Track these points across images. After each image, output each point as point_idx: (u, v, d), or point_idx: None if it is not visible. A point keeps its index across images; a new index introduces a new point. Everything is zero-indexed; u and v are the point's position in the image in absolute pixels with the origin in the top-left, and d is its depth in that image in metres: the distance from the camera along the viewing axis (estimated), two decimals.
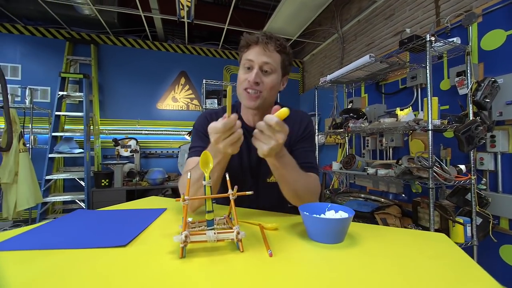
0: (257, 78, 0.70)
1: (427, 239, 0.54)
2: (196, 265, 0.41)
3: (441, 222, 1.44)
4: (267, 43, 0.69)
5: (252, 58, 0.70)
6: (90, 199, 2.70)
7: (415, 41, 1.34)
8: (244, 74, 0.72)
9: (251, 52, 0.71)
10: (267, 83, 0.72)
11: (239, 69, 0.76)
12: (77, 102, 3.10)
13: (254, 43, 0.70)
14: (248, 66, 0.71)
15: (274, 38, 0.71)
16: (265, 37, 0.69)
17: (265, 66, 0.70)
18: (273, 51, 0.71)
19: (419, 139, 2.02)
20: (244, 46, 0.73)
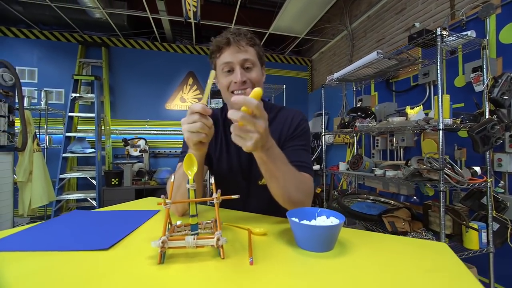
0: (243, 77, 0.68)
1: (425, 249, 0.50)
2: (173, 272, 0.39)
3: (454, 227, 1.36)
4: (239, 40, 0.67)
5: (230, 60, 0.68)
6: (101, 198, 2.78)
7: (425, 35, 1.27)
8: (227, 77, 0.70)
9: (226, 55, 0.68)
10: (253, 79, 0.70)
11: (217, 75, 0.73)
12: (89, 103, 3.20)
13: (226, 44, 0.68)
14: (228, 69, 0.69)
15: (243, 33, 0.69)
16: (234, 35, 0.67)
17: (246, 63, 0.69)
18: (247, 46, 0.69)
19: (432, 138, 1.93)
20: (215, 50, 0.70)
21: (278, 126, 0.78)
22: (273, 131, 0.77)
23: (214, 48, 0.70)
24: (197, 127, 0.52)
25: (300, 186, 0.63)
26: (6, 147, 1.92)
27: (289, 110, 0.82)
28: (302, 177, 0.66)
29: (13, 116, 1.97)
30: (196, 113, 0.53)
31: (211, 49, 0.71)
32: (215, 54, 0.71)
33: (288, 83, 3.82)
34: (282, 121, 0.78)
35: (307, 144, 0.77)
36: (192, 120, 0.53)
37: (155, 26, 3.15)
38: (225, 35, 0.68)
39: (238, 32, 0.68)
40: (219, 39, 0.69)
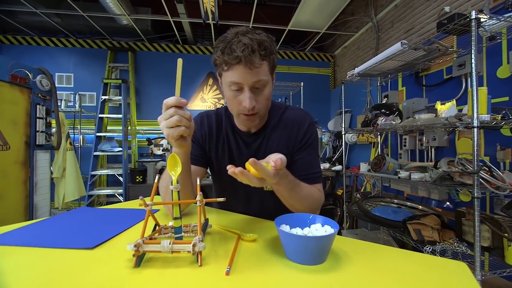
0: (253, 102, 0.61)
1: (437, 269, 0.42)
2: (146, 277, 0.38)
3: (493, 239, 1.18)
4: (252, 58, 0.56)
5: (239, 81, 0.59)
6: (127, 194, 2.95)
7: (456, 20, 1.12)
8: (234, 96, 0.62)
9: (234, 74, 0.58)
10: (262, 100, 0.63)
11: (222, 82, 0.65)
12: (118, 105, 3.41)
13: (236, 63, 0.57)
14: (236, 88, 0.61)
15: (257, 46, 0.57)
16: (247, 51, 0.55)
17: (257, 84, 0.60)
18: (260, 62, 0.58)
19: (469, 137, 1.71)
20: (222, 63, 0.59)
21: (285, 132, 0.73)
22: (280, 137, 0.74)
23: (220, 61, 0.60)
24: (175, 121, 0.50)
25: (311, 203, 0.65)
26: (44, 146, 2.12)
27: (294, 111, 0.76)
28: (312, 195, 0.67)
29: (50, 118, 2.17)
30: (171, 107, 0.50)
31: (216, 57, 0.61)
32: (221, 66, 0.61)
33: (309, 80, 3.70)
34: (289, 125, 0.73)
35: (316, 150, 0.74)
36: (169, 115, 0.50)
37: (176, 29, 3.26)
38: (235, 50, 0.56)
39: (252, 46, 0.56)
40: (227, 54, 0.57)
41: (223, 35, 0.61)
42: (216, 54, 0.60)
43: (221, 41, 0.60)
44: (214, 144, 0.78)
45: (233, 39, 0.57)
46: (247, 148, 0.75)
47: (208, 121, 0.78)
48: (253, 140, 0.75)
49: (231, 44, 0.57)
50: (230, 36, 0.58)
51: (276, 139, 0.74)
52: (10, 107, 1.83)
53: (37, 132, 2.07)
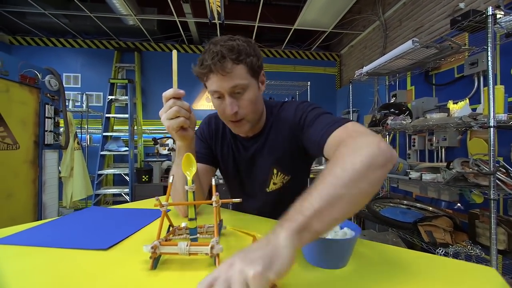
0: (234, 108, 0.60)
1: (464, 274, 0.40)
2: (163, 280, 0.37)
3: (509, 243, 1.15)
4: (222, 64, 0.55)
5: (216, 89, 0.59)
6: (133, 193, 2.96)
7: (471, 17, 1.09)
8: (218, 104, 0.62)
9: (211, 83, 0.59)
10: (246, 105, 0.61)
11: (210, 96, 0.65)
12: (124, 105, 3.43)
13: (208, 72, 0.57)
14: (217, 96, 0.61)
15: (226, 52, 0.55)
16: (217, 59, 0.55)
17: (235, 89, 0.59)
18: (233, 67, 0.57)
19: (481, 137, 1.67)
20: (201, 75, 0.60)
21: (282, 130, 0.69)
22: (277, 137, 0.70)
23: (197, 74, 0.61)
24: (174, 112, 0.51)
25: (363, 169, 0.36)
26: (53, 145, 2.14)
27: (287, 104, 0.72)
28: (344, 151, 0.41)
29: (58, 118, 2.19)
30: (170, 98, 0.52)
31: (195, 71, 0.61)
32: (201, 78, 0.61)
33: (315, 80, 3.67)
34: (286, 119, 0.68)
35: (319, 112, 0.62)
36: (168, 107, 0.52)
37: (182, 29, 3.26)
38: (207, 57, 0.56)
39: (221, 54, 0.55)
40: (200, 66, 0.58)
41: (208, 45, 0.61)
42: (194, 69, 0.61)
43: (204, 52, 0.60)
44: (220, 145, 0.78)
45: (207, 49, 0.58)
46: (246, 152, 0.75)
47: (216, 122, 0.79)
48: (251, 144, 0.74)
49: (204, 55, 0.58)
50: (206, 47, 0.60)
51: (274, 137, 0.71)
52: (19, 107, 1.85)
53: (46, 132, 2.09)
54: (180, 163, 0.60)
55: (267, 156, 0.71)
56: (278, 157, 0.70)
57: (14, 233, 0.54)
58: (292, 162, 0.71)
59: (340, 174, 0.35)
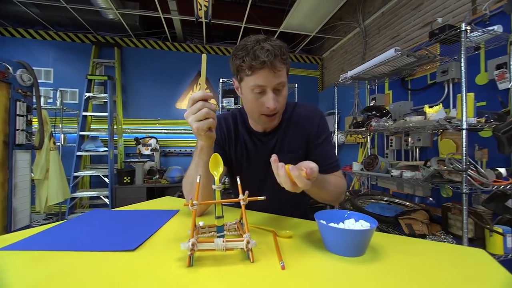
0: (276, 103, 0.64)
1: (461, 255, 0.47)
2: (203, 275, 0.38)
3: (476, 231, 1.30)
4: (274, 63, 0.60)
5: (263, 84, 0.63)
6: (113, 196, 2.82)
7: (448, 31, 1.22)
8: (257, 98, 0.66)
9: (258, 77, 0.62)
10: (282, 100, 0.68)
11: (241, 87, 0.68)
12: (102, 103, 3.26)
13: (261, 68, 0.61)
14: (259, 91, 0.64)
15: (279, 53, 0.61)
16: (271, 57, 0.60)
17: (278, 86, 0.65)
18: (281, 66, 0.63)
19: (450, 138, 1.86)
20: (246, 68, 0.62)
21: (299, 128, 0.77)
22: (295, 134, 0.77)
23: (244, 66, 0.62)
24: (204, 113, 0.53)
25: (338, 192, 0.70)
26: (25, 146, 1.98)
27: (304, 107, 0.81)
28: (337, 184, 0.71)
29: (31, 116, 2.03)
30: (198, 100, 0.53)
31: (239, 63, 0.63)
32: (244, 71, 0.63)
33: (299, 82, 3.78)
34: (301, 121, 0.77)
35: (330, 141, 0.79)
36: (197, 109, 0.53)
37: (166, 26, 3.18)
38: (259, 53, 0.59)
39: (273, 51, 0.60)
40: (252, 60, 0.60)
41: (242, 44, 0.64)
42: (239, 61, 0.63)
43: (242, 49, 0.63)
44: (234, 145, 0.80)
45: (255, 46, 0.61)
46: (264, 146, 0.79)
47: (226, 123, 0.81)
48: (269, 139, 0.78)
49: (254, 51, 0.61)
50: (251, 44, 0.62)
51: (290, 136, 0.78)
52: None
53: (17, 131, 1.92)
54: (201, 163, 0.62)
55: (286, 152, 0.76)
56: (295, 154, 0.77)
57: (26, 238, 0.51)
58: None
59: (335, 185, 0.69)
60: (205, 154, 0.60)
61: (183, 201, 0.89)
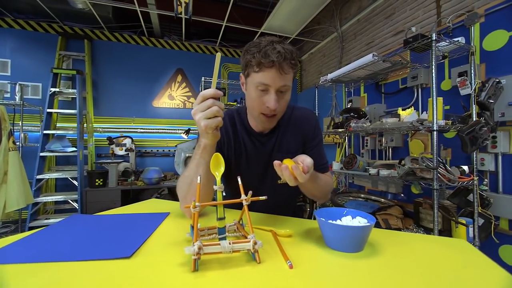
0: (276, 104, 0.66)
1: (449, 246, 0.51)
2: (211, 280, 0.37)
3: (443, 223, 1.43)
4: (283, 65, 0.62)
5: (268, 83, 0.64)
6: (84, 199, 2.62)
7: (420, 40, 1.33)
8: (259, 96, 0.67)
9: (265, 76, 0.63)
10: (283, 104, 0.69)
11: (247, 83, 0.70)
12: (70, 99, 3.00)
13: (269, 67, 0.63)
14: (263, 88, 0.66)
15: (288, 56, 0.63)
16: (281, 58, 0.61)
17: (282, 88, 0.66)
18: (289, 70, 0.65)
19: (419, 139, 2.02)
20: (255, 64, 0.64)
21: (296, 130, 0.80)
22: (292, 135, 0.80)
23: (254, 62, 0.64)
24: (214, 111, 0.53)
25: (326, 189, 0.74)
26: None
27: (301, 110, 0.84)
28: (327, 182, 0.75)
29: None
30: (209, 98, 0.54)
31: (249, 58, 0.65)
32: (252, 67, 0.65)
33: None
34: (298, 123, 0.80)
35: (322, 143, 0.83)
36: (207, 106, 0.53)
37: (143, 20, 3.02)
38: (270, 55, 0.61)
39: (285, 55, 0.62)
40: (263, 58, 0.62)
41: (256, 42, 0.66)
42: (250, 56, 0.65)
43: (255, 46, 0.65)
44: (232, 145, 0.80)
45: (267, 45, 0.63)
46: (263, 147, 0.80)
47: (224, 124, 0.79)
48: (268, 139, 0.80)
49: (266, 50, 0.62)
50: (264, 43, 0.64)
51: (288, 137, 0.80)
52: None
53: None
54: (202, 162, 0.60)
55: (285, 152, 0.78)
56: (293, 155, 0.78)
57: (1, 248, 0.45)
58: None
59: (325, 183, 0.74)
60: (208, 153, 0.60)
61: (170, 203, 0.86)
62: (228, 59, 3.85)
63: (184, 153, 3.12)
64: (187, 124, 3.51)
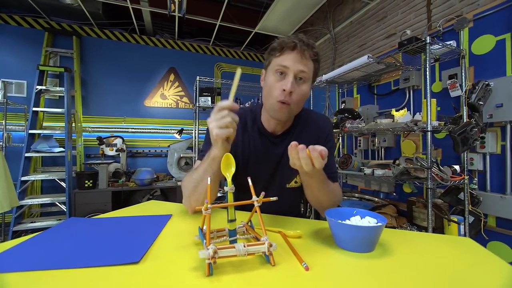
0: (292, 88, 0.66)
1: (455, 244, 0.52)
2: (228, 284, 0.36)
3: (436, 221, 1.47)
4: (304, 49, 0.65)
5: (287, 65, 0.65)
6: (72, 201, 2.52)
7: (414, 42, 1.36)
8: (277, 81, 0.67)
9: (286, 58, 0.66)
10: (299, 93, 0.68)
11: (267, 73, 0.71)
12: (57, 98, 2.89)
13: (290, 48, 0.65)
14: (281, 71, 0.66)
15: (311, 45, 0.67)
16: (302, 43, 0.65)
17: (300, 74, 0.67)
18: (309, 59, 0.67)
19: (411, 139, 2.07)
20: (277, 49, 0.67)
21: (311, 133, 0.80)
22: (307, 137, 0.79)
23: (276, 47, 0.67)
24: (228, 122, 0.54)
25: (333, 199, 0.71)
26: None
27: (317, 115, 0.84)
28: (335, 190, 0.74)
29: None
30: (225, 109, 0.55)
31: (273, 46, 0.68)
32: (275, 52, 0.68)
33: None
34: (314, 127, 0.80)
35: (334, 152, 0.85)
36: (221, 116, 0.55)
37: (134, 17, 2.95)
38: (293, 39, 0.66)
39: (308, 42, 0.66)
40: (286, 40, 0.66)
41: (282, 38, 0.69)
42: (274, 45, 0.69)
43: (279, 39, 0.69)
44: (240, 145, 0.79)
45: (290, 36, 0.68)
46: (275, 148, 0.78)
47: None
48: (281, 140, 0.79)
49: (290, 37, 0.67)
50: (289, 36, 0.68)
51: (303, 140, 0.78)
52: None
53: None
54: (210, 171, 0.59)
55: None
56: None
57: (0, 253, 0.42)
58: None
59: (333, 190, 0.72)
60: (216, 164, 0.60)
61: (171, 205, 0.83)
62: (221, 59, 3.82)
63: (177, 154, 3.07)
64: (180, 124, 3.46)
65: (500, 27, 1.55)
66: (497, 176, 1.54)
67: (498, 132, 1.53)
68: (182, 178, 3.29)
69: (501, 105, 1.45)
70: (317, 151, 0.51)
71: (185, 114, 3.54)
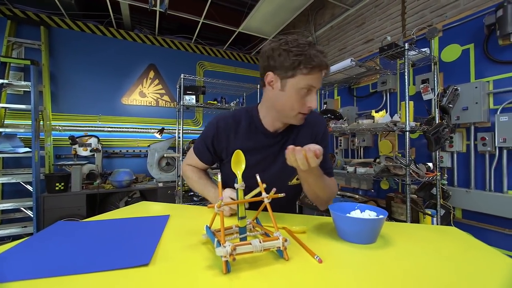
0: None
1: (445, 233, 0.57)
2: (247, 280, 0.36)
3: (412, 214, 1.59)
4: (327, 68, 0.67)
5: (315, 85, 0.67)
6: (40, 206, 2.31)
7: (394, 48, 1.45)
8: (303, 97, 0.68)
9: (314, 78, 0.65)
10: None
11: (287, 84, 0.67)
12: (22, 93, 2.63)
13: (318, 69, 0.64)
14: (307, 89, 0.67)
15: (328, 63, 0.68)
16: (326, 63, 0.65)
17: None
18: None
19: (388, 139, 2.21)
20: (307, 67, 0.63)
21: (307, 131, 0.82)
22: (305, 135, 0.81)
23: (304, 64, 0.62)
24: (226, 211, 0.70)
25: (329, 192, 0.75)
26: None
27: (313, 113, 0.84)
28: (331, 185, 0.77)
29: None
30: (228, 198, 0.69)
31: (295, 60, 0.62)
32: (301, 69, 0.63)
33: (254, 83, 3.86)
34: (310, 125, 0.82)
35: (328, 148, 0.87)
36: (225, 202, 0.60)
37: (106, 10, 2.78)
38: (322, 58, 0.63)
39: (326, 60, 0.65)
40: (322, 62, 0.63)
41: (291, 41, 0.64)
42: (296, 58, 0.63)
43: (295, 46, 0.63)
44: (233, 144, 0.78)
45: (309, 48, 0.63)
46: (277, 145, 0.79)
47: (225, 123, 0.79)
48: (281, 138, 0.80)
49: (316, 54, 0.63)
50: (304, 44, 0.64)
51: (302, 137, 0.81)
52: None
53: None
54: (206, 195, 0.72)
55: None
56: None
57: None
58: None
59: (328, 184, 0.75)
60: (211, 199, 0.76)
61: (162, 205, 0.81)
62: (204, 57, 3.75)
63: (158, 154, 2.96)
64: (161, 123, 3.33)
65: (465, 37, 1.72)
66: (463, 172, 1.70)
67: (463, 132, 1.70)
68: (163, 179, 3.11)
69: (466, 108, 1.61)
70: (312, 151, 0.54)
71: (166, 112, 3.42)
